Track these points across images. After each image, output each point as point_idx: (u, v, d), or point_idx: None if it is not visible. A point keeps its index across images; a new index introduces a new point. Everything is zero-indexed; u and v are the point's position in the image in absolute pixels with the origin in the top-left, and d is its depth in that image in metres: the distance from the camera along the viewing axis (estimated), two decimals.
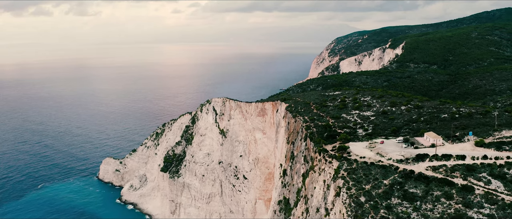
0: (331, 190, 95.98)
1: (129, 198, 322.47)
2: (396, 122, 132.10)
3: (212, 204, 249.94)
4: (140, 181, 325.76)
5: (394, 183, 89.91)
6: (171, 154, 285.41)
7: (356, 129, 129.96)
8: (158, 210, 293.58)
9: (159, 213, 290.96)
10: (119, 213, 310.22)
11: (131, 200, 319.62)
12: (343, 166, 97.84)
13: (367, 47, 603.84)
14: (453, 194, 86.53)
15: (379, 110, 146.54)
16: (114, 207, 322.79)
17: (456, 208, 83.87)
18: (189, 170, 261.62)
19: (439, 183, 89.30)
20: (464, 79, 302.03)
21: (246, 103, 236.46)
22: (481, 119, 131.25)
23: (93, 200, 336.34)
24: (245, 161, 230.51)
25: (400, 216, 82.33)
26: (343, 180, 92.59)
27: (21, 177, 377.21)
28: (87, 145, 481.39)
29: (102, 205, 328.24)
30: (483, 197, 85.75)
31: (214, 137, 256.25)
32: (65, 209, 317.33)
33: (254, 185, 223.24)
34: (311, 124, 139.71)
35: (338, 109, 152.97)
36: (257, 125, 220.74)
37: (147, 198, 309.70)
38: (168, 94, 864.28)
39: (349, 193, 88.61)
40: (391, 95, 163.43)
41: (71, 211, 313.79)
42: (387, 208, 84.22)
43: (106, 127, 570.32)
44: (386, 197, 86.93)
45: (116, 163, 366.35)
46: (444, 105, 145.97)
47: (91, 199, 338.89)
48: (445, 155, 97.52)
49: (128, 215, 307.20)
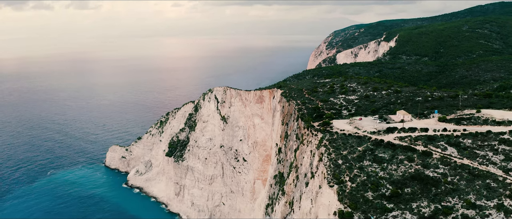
0: (315, 156, 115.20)
1: (135, 183, 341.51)
2: (376, 104, 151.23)
3: (214, 185, 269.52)
4: (145, 166, 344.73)
5: (367, 150, 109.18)
6: (175, 140, 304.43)
7: (341, 110, 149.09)
8: (163, 193, 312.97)
9: (164, 195, 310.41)
10: (126, 196, 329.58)
11: (137, 184, 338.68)
12: (326, 137, 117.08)
13: (364, 40, 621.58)
14: (414, 158, 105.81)
15: (363, 94, 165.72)
16: (121, 191, 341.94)
17: (416, 168, 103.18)
18: (192, 154, 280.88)
19: (403, 150, 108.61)
20: (451, 70, 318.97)
21: (245, 91, 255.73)
22: (451, 101, 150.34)
23: (101, 185, 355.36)
24: (244, 145, 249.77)
25: (370, 174, 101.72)
26: (325, 148, 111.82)
27: (30, 165, 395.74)
28: (92, 135, 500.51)
29: (109, 189, 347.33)
30: (439, 160, 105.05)
31: (216, 123, 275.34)
32: (74, 193, 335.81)
33: (253, 167, 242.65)
34: (303, 106, 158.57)
35: (327, 94, 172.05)
36: (255, 111, 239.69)
37: (153, 182, 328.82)
38: (170, 86, 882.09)
39: (329, 158, 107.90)
40: (374, 81, 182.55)
41: (80, 194, 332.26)
42: (360, 168, 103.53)
43: (110, 118, 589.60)
44: (359, 160, 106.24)
45: (122, 150, 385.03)
46: (420, 90, 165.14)
47: (99, 184, 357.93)
48: (411, 128, 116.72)
49: (135, 198, 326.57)
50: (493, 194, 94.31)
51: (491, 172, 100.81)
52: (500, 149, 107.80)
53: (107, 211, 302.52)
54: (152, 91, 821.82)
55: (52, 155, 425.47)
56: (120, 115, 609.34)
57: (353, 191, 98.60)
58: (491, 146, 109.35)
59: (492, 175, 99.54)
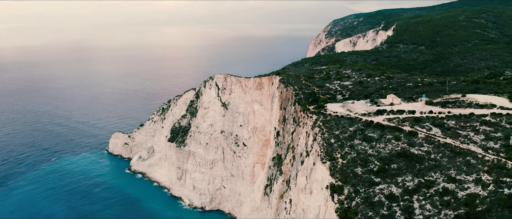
0: (310, 136, 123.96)
1: (138, 168, 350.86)
2: (369, 89, 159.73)
3: (215, 169, 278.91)
4: (148, 152, 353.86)
5: (357, 130, 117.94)
6: (177, 126, 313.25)
7: (336, 95, 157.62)
8: (165, 178, 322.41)
9: (166, 180, 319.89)
10: (129, 181, 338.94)
11: (140, 170, 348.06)
12: (320, 118, 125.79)
13: (362, 29, 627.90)
14: (401, 137, 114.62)
15: (357, 80, 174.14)
16: (124, 176, 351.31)
17: (402, 147, 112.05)
18: (194, 139, 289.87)
19: (391, 130, 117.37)
20: (446, 58, 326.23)
21: (245, 78, 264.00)
22: (439, 87, 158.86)
23: (104, 170, 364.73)
24: (244, 130, 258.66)
25: (359, 151, 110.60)
26: (319, 128, 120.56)
27: (35, 152, 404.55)
28: (95, 123, 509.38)
29: (112, 174, 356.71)
30: (424, 139, 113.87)
31: (216, 109, 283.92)
32: (78, 178, 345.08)
33: (252, 151, 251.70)
34: (300, 92, 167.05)
35: (323, 80, 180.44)
36: (255, 98, 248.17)
37: (155, 168, 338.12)
38: (171, 75, 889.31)
39: (322, 137, 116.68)
40: (368, 68, 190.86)
41: (84, 180, 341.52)
42: (350, 147, 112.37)
43: (112, 106, 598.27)
44: (350, 139, 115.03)
45: (125, 137, 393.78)
46: (411, 76, 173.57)
47: (102, 169, 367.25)
48: (400, 111, 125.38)
49: (138, 182, 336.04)
50: (472, 169, 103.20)
51: (471, 150, 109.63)
52: (481, 130, 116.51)
53: (111, 195, 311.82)
54: (153, 80, 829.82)
55: (55, 143, 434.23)
56: (121, 103, 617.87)
57: (344, 167, 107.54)
58: (473, 127, 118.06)
59: (472, 153, 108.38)
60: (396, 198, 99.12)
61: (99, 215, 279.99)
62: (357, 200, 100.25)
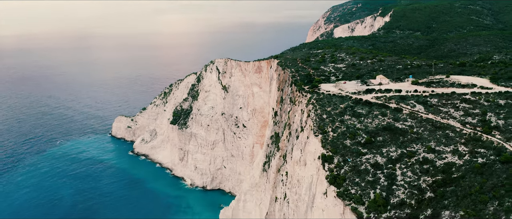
0: (304, 113, 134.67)
1: (140, 150, 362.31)
2: (361, 71, 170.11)
3: (216, 149, 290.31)
4: (150, 135, 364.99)
5: (347, 107, 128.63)
6: (179, 109, 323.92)
7: (330, 76, 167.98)
8: (167, 159, 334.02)
9: (168, 161, 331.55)
10: (132, 163, 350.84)
11: (143, 152, 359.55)
12: (314, 97, 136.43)
13: (361, 15, 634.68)
14: (387, 113, 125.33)
15: (350, 63, 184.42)
16: (127, 158, 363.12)
17: (388, 122, 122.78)
18: (195, 121, 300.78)
19: (378, 107, 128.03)
20: (441, 44, 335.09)
21: (245, 62, 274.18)
22: (427, 69, 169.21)
23: (108, 153, 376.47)
24: (244, 112, 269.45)
25: (349, 126, 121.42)
26: (312, 105, 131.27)
27: (40, 136, 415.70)
28: (98, 108, 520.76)
29: (116, 156, 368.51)
30: (408, 115, 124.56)
31: (217, 92, 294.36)
32: (83, 160, 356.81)
33: (252, 132, 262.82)
34: (296, 74, 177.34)
35: (318, 62, 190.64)
36: (254, 81, 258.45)
37: (158, 149, 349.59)
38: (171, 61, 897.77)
39: (316, 113, 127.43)
40: (361, 52, 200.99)
41: (89, 161, 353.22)
42: (341, 122, 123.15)
43: (114, 92, 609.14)
44: (341, 115, 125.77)
45: (128, 121, 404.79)
46: (401, 59, 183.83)
47: (106, 152, 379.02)
48: (387, 90, 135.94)
49: (141, 164, 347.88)
50: (450, 141, 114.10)
51: (451, 124, 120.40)
52: (461, 107, 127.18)
53: (115, 176, 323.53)
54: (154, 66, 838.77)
55: (60, 127, 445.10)
56: (123, 89, 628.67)
57: (334, 140, 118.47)
58: (454, 104, 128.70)
59: (451, 127, 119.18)
60: (381, 166, 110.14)
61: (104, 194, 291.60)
62: (345, 168, 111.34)
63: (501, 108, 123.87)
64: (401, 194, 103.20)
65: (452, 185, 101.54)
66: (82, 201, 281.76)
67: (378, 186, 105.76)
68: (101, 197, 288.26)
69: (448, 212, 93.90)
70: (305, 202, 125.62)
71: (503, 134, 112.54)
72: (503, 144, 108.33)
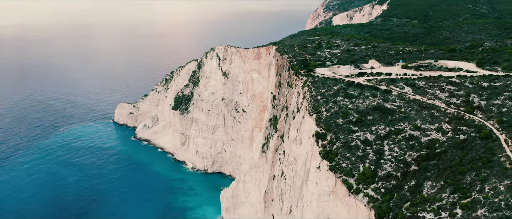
0: (300, 95, 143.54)
1: (143, 136, 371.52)
2: (355, 56, 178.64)
3: (216, 134, 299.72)
4: (152, 121, 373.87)
5: (340, 88, 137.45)
6: (180, 95, 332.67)
7: (325, 61, 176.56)
8: (169, 144, 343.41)
9: (170, 145, 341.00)
10: (135, 148, 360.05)
11: (145, 137, 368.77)
12: (309, 79, 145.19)
13: (359, 3, 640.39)
14: (377, 94, 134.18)
15: (345, 49, 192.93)
16: (130, 143, 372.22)
17: (378, 102, 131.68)
18: (196, 107, 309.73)
19: (369, 88, 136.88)
20: (436, 31, 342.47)
21: (244, 49, 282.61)
22: (418, 54, 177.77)
23: (111, 138, 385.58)
24: (244, 97, 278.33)
25: (341, 106, 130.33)
26: (308, 88, 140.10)
27: (44, 123, 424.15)
28: (100, 95, 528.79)
29: (119, 142, 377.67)
30: (396, 96, 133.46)
31: (217, 78, 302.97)
32: (86, 146, 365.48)
33: (251, 117, 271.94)
34: (293, 59, 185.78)
35: (315, 48, 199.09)
36: (254, 67, 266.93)
37: (159, 135, 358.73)
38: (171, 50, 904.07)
39: (310, 94, 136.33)
40: (356, 38, 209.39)
41: (92, 147, 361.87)
42: (334, 102, 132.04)
43: (116, 79, 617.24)
44: (334, 96, 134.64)
45: (130, 107, 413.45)
46: (394, 45, 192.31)
47: (109, 137, 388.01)
48: (378, 73, 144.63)
49: (143, 149, 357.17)
50: (435, 120, 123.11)
51: (436, 104, 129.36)
52: (447, 88, 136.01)
53: (118, 160, 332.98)
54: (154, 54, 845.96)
55: (63, 114, 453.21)
56: (124, 77, 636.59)
57: (328, 118, 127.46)
58: (440, 86, 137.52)
59: (436, 107, 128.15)
60: (370, 143, 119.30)
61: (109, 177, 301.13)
62: (337, 144, 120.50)
63: (484, 90, 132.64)
64: (388, 167, 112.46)
65: (435, 159, 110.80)
66: (87, 185, 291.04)
67: (367, 160, 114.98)
68: (105, 180, 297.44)
69: (430, 182, 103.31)
70: (300, 177, 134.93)
71: (484, 113, 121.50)
72: (484, 122, 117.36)
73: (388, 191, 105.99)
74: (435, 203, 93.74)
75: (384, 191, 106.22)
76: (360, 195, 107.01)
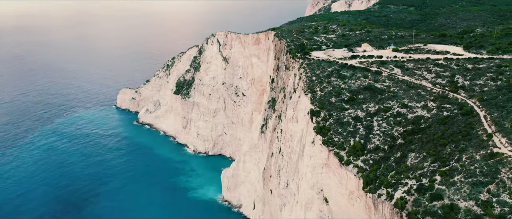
0: (297, 76, 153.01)
1: (145, 120, 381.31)
2: (349, 41, 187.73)
3: (217, 117, 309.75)
4: (154, 105, 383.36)
5: (334, 70, 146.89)
6: (182, 80, 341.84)
7: (321, 46, 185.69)
8: (171, 127, 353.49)
9: (172, 129, 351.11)
10: (137, 132, 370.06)
11: (147, 121, 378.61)
12: (305, 62, 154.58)
13: None
14: (369, 75, 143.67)
15: (340, 33, 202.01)
16: (132, 127, 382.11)
17: (369, 82, 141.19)
18: (198, 91, 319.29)
19: (361, 70, 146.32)
20: (432, 18, 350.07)
21: (244, 34, 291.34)
22: (409, 39, 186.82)
23: (114, 123, 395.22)
24: (243, 82, 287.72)
25: (334, 86, 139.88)
26: (303, 69, 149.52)
27: (47, 108, 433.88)
28: (102, 81, 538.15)
29: (122, 126, 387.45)
30: (386, 77, 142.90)
31: (218, 63, 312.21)
32: (90, 130, 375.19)
33: (251, 100, 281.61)
34: (291, 43, 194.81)
35: (311, 33, 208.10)
36: (253, 52, 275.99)
37: (161, 119, 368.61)
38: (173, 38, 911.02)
39: (306, 75, 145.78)
40: (351, 24, 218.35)
41: (96, 131, 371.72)
42: (328, 82, 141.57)
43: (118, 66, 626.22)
44: (328, 77, 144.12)
45: (132, 92, 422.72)
46: (387, 31, 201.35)
47: (112, 122, 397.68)
48: (370, 56, 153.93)
49: (146, 132, 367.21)
50: (421, 98, 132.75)
51: (423, 84, 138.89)
52: (433, 70, 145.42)
53: (122, 143, 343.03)
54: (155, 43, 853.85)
55: (66, 100, 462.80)
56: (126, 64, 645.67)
57: (322, 97, 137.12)
58: (427, 68, 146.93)
59: (423, 87, 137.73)
60: (360, 119, 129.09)
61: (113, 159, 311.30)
62: (330, 121, 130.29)
63: (468, 71, 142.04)
64: (376, 141, 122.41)
65: (420, 133, 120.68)
66: (92, 167, 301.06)
67: (357, 135, 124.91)
68: (110, 163, 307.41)
69: (413, 154, 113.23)
70: (296, 153, 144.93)
71: (467, 92, 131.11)
72: (466, 100, 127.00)
73: (376, 162, 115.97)
74: (417, 171, 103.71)
75: (372, 162, 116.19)
76: (350, 166, 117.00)
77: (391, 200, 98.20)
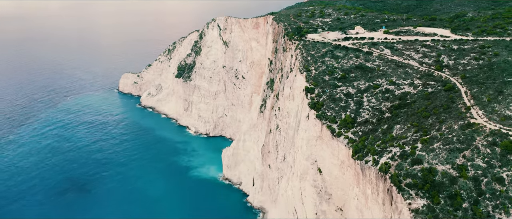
0: (293, 56, 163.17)
1: (147, 103, 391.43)
2: (344, 24, 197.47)
3: (217, 99, 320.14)
4: (156, 89, 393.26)
5: (328, 51, 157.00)
6: (183, 64, 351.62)
7: (317, 28, 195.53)
8: (173, 110, 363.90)
9: (174, 112, 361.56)
10: (140, 115, 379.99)
11: (149, 105, 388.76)
12: (301, 43, 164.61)
13: None
14: (360, 55, 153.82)
15: (336, 17, 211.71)
16: (135, 110, 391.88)
17: (360, 62, 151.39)
18: (199, 74, 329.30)
19: (353, 50, 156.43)
20: (427, 4, 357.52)
21: (244, 19, 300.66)
22: (401, 22, 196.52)
23: (117, 106, 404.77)
24: (243, 65, 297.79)
25: (328, 65, 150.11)
26: (299, 50, 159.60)
27: (50, 91, 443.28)
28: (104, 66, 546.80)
29: (125, 109, 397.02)
30: (377, 57, 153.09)
31: (218, 47, 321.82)
32: (93, 113, 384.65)
33: (250, 83, 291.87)
34: (289, 27, 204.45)
35: (308, 17, 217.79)
36: (252, 36, 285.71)
37: (163, 102, 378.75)
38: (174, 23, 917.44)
39: (302, 56, 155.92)
40: (346, 8, 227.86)
41: (99, 114, 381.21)
42: (322, 62, 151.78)
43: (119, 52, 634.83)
44: (322, 57, 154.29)
45: (134, 77, 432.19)
46: (380, 14, 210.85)
47: (115, 105, 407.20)
48: (362, 37, 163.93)
49: (148, 115, 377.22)
50: (408, 76, 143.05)
51: (410, 64, 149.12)
52: (421, 50, 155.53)
53: (125, 126, 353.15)
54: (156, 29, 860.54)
55: (68, 83, 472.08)
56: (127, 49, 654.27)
57: (316, 76, 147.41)
58: (415, 48, 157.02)
59: (410, 66, 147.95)
60: (351, 95, 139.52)
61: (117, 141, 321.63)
62: (323, 97, 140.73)
63: (453, 51, 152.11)
64: (365, 115, 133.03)
65: (405, 108, 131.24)
66: (96, 148, 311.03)
67: (348, 109, 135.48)
68: (114, 144, 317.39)
69: (399, 125, 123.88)
70: (293, 128, 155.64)
71: (451, 71, 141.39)
72: (450, 78, 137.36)
73: (365, 133, 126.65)
74: (401, 140, 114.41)
75: (362, 134, 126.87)
76: (341, 138, 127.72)
77: (376, 165, 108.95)
